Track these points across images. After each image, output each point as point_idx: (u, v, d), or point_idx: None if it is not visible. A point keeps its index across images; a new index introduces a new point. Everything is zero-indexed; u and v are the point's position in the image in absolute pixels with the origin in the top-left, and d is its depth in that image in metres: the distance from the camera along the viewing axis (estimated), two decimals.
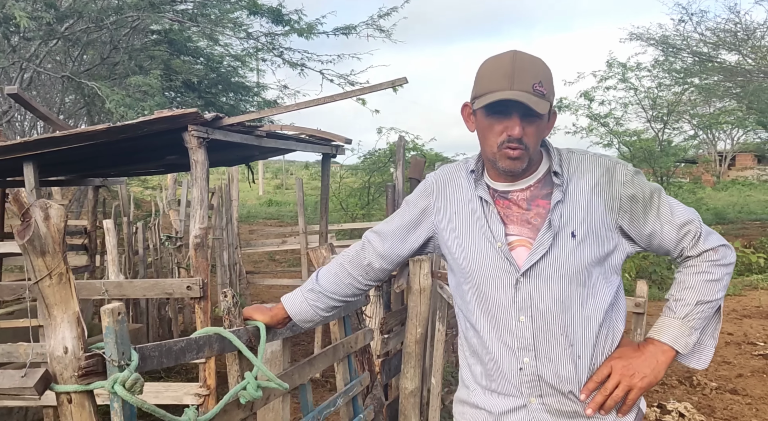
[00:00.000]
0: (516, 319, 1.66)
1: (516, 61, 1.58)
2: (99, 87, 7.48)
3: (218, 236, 9.12)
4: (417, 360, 3.95)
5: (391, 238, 1.91)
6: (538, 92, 1.56)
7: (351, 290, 1.99)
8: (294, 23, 9.17)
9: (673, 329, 1.67)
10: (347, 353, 2.89)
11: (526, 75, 1.56)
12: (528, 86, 1.55)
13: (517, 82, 1.55)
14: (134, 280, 3.84)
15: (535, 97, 1.55)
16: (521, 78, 1.55)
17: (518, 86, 1.55)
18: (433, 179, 1.88)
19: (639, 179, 1.68)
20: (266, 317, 2.07)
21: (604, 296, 1.67)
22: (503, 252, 1.66)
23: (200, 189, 3.98)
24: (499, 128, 1.60)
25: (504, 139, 1.60)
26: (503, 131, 1.60)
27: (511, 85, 1.55)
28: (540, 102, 1.56)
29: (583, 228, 1.64)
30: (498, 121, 1.60)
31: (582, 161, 1.71)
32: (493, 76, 1.60)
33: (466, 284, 1.75)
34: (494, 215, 1.69)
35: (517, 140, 1.59)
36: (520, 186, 1.70)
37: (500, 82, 1.57)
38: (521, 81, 1.55)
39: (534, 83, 1.56)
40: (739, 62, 14.07)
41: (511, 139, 1.59)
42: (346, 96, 4.02)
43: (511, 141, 1.59)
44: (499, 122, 1.60)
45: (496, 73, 1.59)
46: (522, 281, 1.64)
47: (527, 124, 1.59)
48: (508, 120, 1.59)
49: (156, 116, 3.76)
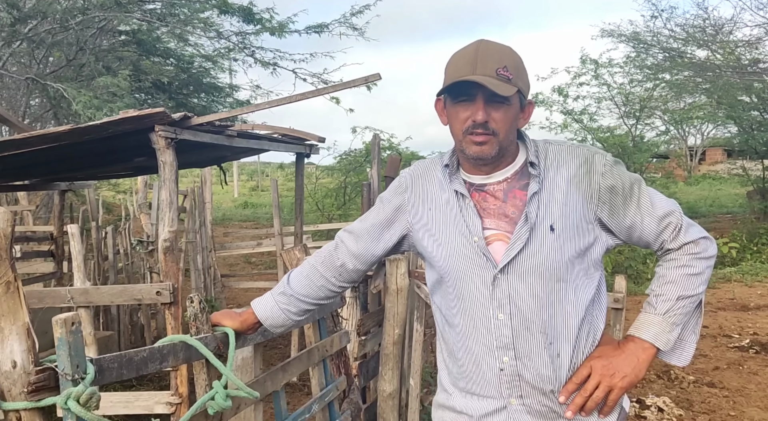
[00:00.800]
0: (494, 317, 1.60)
1: (480, 49, 1.57)
2: (65, 89, 7.28)
3: (191, 240, 8.97)
4: (395, 362, 3.88)
5: (364, 237, 1.84)
6: (502, 76, 1.53)
7: (324, 292, 1.91)
8: (265, 22, 9.04)
9: (653, 326, 1.62)
10: (322, 356, 2.81)
11: (489, 61, 1.54)
12: (491, 71, 1.52)
13: (480, 67, 1.53)
14: (101, 286, 3.72)
15: (497, 81, 1.52)
16: (484, 63, 1.53)
17: (480, 71, 1.52)
18: (408, 176, 1.81)
19: (618, 169, 1.63)
20: (235, 322, 1.98)
21: (584, 292, 1.63)
22: (480, 247, 1.60)
23: (169, 191, 3.85)
24: (465, 115, 1.57)
25: (469, 125, 1.57)
26: (468, 118, 1.57)
27: (473, 70, 1.53)
28: (503, 85, 1.52)
29: (562, 221, 1.58)
30: (463, 108, 1.58)
31: (559, 152, 1.65)
32: (457, 64, 1.58)
33: (443, 281, 1.70)
34: (470, 209, 1.64)
35: (482, 125, 1.55)
36: (497, 178, 1.65)
37: (463, 69, 1.55)
38: (484, 66, 1.53)
39: (497, 68, 1.53)
40: (708, 58, 14.27)
41: (475, 124, 1.56)
42: (318, 93, 3.93)
43: (476, 127, 1.56)
44: (465, 109, 1.57)
45: (460, 61, 1.58)
46: (500, 278, 1.58)
47: (493, 109, 1.55)
48: (472, 106, 1.56)
49: (121, 116, 3.63)
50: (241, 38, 9.57)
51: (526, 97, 1.64)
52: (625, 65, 14.83)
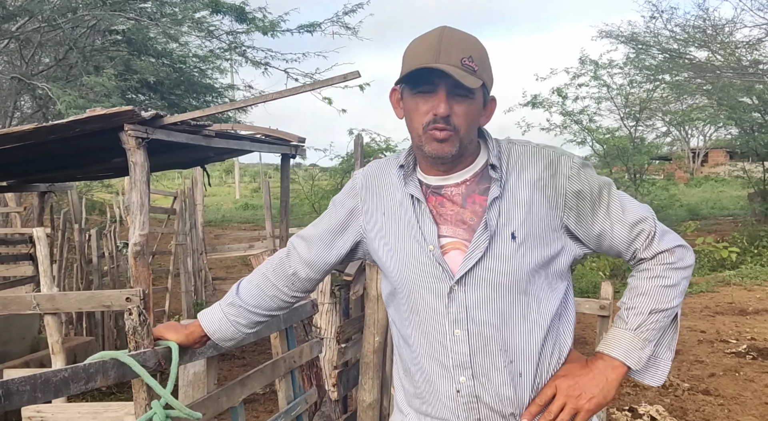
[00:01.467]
0: (450, 333, 1.46)
1: (444, 37, 1.41)
2: (50, 88, 7.15)
3: (181, 242, 8.82)
4: (375, 371, 3.73)
5: (316, 243, 1.70)
6: (467, 67, 1.39)
7: (275, 302, 1.76)
8: (257, 21, 8.90)
9: (624, 342, 1.47)
10: (290, 368, 2.66)
11: (453, 49, 1.39)
12: (455, 60, 1.38)
13: (443, 55, 1.38)
14: (68, 292, 3.57)
15: (462, 71, 1.38)
16: (448, 52, 1.39)
17: (444, 59, 1.38)
18: (361, 177, 1.67)
19: (586, 173, 1.49)
20: (180, 336, 1.83)
21: (548, 305, 1.49)
22: (435, 256, 1.46)
23: (140, 193, 3.72)
24: (425, 108, 1.43)
25: (429, 119, 1.42)
26: (429, 111, 1.42)
27: (436, 58, 1.38)
28: (468, 76, 1.38)
29: (524, 228, 1.45)
30: (423, 100, 1.43)
31: (523, 153, 1.51)
32: (417, 51, 1.43)
33: (396, 293, 1.56)
34: (426, 214, 1.49)
35: (444, 119, 1.40)
36: (455, 180, 1.51)
37: (424, 57, 1.40)
38: (448, 55, 1.38)
39: (463, 57, 1.39)
40: (708, 59, 14.10)
41: (437, 118, 1.41)
42: (296, 92, 3.79)
43: (437, 121, 1.41)
44: (425, 101, 1.42)
45: (421, 48, 1.43)
46: (456, 290, 1.45)
47: (456, 102, 1.41)
48: (434, 98, 1.41)
49: (88, 115, 3.50)
50: (233, 37, 9.44)
51: (489, 93, 1.50)
52: (625, 66, 14.67)
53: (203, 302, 9.19)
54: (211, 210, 22.88)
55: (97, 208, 15.02)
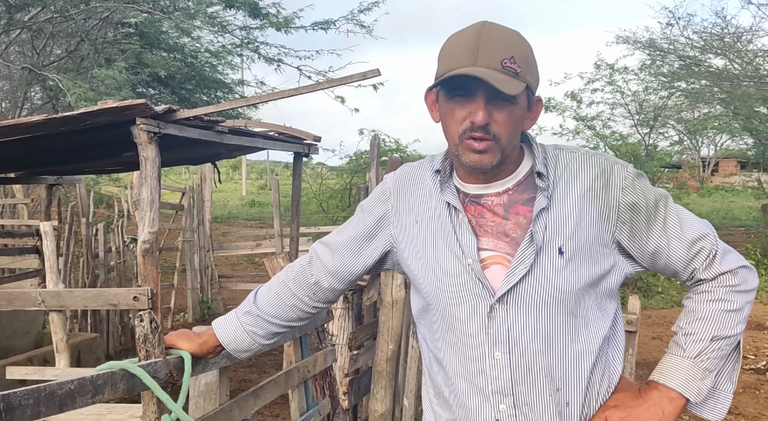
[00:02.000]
0: (490, 356, 1.34)
1: (483, 34, 1.28)
2: (60, 79, 7.05)
3: (189, 239, 8.73)
4: (388, 380, 3.61)
5: (342, 251, 1.58)
6: (508, 69, 1.26)
7: (295, 313, 1.64)
8: (271, 17, 8.79)
9: (682, 371, 1.34)
10: (303, 378, 2.54)
11: (492, 49, 1.26)
12: (495, 62, 1.25)
13: (481, 57, 1.26)
14: (74, 289, 3.47)
15: (502, 75, 1.25)
16: (487, 53, 1.26)
17: (483, 62, 1.25)
18: (392, 181, 1.54)
19: (641, 184, 1.37)
20: (193, 345, 1.71)
21: (598, 328, 1.36)
22: (474, 271, 1.34)
23: (150, 189, 3.60)
24: (462, 114, 1.30)
25: (466, 127, 1.29)
26: (466, 118, 1.29)
27: (473, 60, 1.26)
28: (510, 81, 1.25)
29: (573, 243, 1.32)
30: (460, 106, 1.30)
31: (572, 161, 1.38)
32: (454, 52, 1.30)
33: (429, 309, 1.44)
34: (464, 225, 1.37)
35: (482, 129, 1.28)
36: (496, 189, 1.38)
37: (461, 58, 1.27)
38: (487, 56, 1.26)
39: (503, 59, 1.26)
40: (725, 67, 13.91)
41: (473, 127, 1.28)
42: (314, 89, 3.67)
43: (474, 130, 1.28)
44: (462, 107, 1.30)
45: (458, 47, 1.30)
46: (497, 308, 1.33)
47: (496, 109, 1.28)
48: (471, 104, 1.29)
49: (99, 107, 3.38)
50: (246, 33, 9.33)
51: (534, 94, 1.37)
52: (640, 72, 14.49)
53: (209, 300, 9.08)
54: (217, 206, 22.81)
55: (104, 201, 14.95)
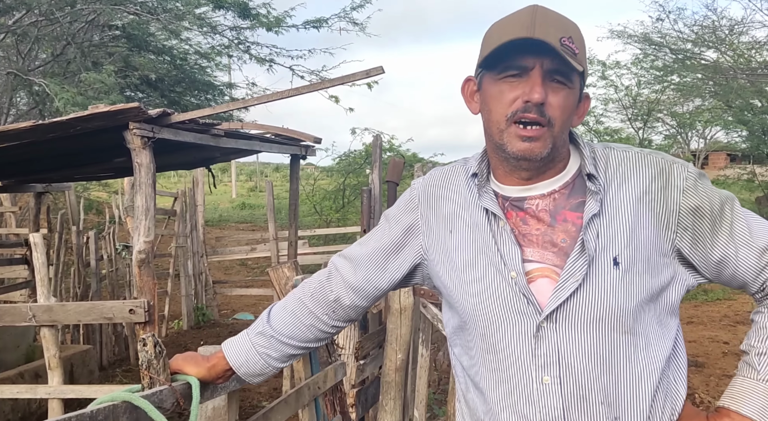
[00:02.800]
0: (538, 380, 1.19)
1: (538, 14, 1.15)
2: (47, 84, 6.86)
3: (182, 244, 8.55)
4: (397, 391, 3.46)
5: (365, 265, 1.43)
6: (567, 48, 1.12)
7: (313, 333, 1.49)
8: (261, 17, 8.63)
9: (757, 397, 1.20)
10: (314, 395, 2.39)
11: (550, 25, 1.13)
12: (554, 38, 1.12)
13: (539, 31, 1.12)
14: (67, 303, 3.30)
15: (562, 52, 1.11)
16: (545, 28, 1.12)
17: (541, 35, 1.12)
18: (421, 187, 1.40)
19: (704, 185, 1.22)
20: (201, 369, 1.55)
21: (659, 347, 1.23)
22: (519, 286, 1.20)
23: (145, 196, 3.44)
24: (512, 95, 1.16)
25: (517, 107, 1.15)
26: (517, 98, 1.15)
27: (531, 32, 1.12)
28: (570, 59, 1.12)
29: (629, 253, 1.18)
30: (511, 87, 1.16)
31: (625, 160, 1.24)
32: (506, 28, 1.16)
33: (466, 328, 1.29)
34: (506, 234, 1.23)
35: (537, 109, 1.14)
36: (541, 190, 1.24)
37: (516, 31, 1.13)
38: (545, 31, 1.12)
39: (562, 37, 1.13)
40: (718, 60, 13.87)
41: (527, 106, 1.14)
42: (314, 89, 3.52)
43: (528, 110, 1.14)
44: (513, 87, 1.16)
45: (510, 26, 1.16)
46: (546, 327, 1.18)
47: (552, 91, 1.15)
48: (524, 82, 1.15)
49: (90, 112, 3.23)
50: (236, 33, 9.15)
51: (584, 87, 1.23)
52: (633, 66, 14.44)
53: (203, 306, 8.91)
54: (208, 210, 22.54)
55: (94, 207, 14.71)
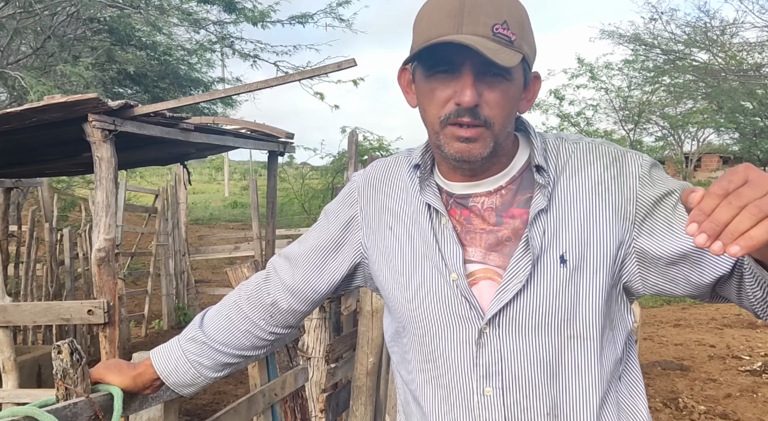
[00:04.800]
0: (478, 392, 1.08)
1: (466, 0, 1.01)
2: (22, 77, 6.68)
3: (163, 243, 8.39)
4: (368, 395, 3.33)
5: (303, 265, 1.30)
6: (500, 37, 0.99)
7: (249, 339, 1.36)
8: (246, 11, 8.48)
9: None
10: (270, 402, 2.25)
11: (481, 13, 1.00)
12: (484, 28, 0.99)
13: (467, 22, 0.99)
14: (22, 303, 3.15)
15: (494, 44, 0.98)
16: (474, 17, 0.99)
17: (469, 28, 0.99)
18: (361, 180, 1.27)
19: (659, 174, 1.09)
20: (126, 378, 1.41)
21: (611, 354, 1.10)
22: (460, 288, 1.08)
23: (106, 192, 3.29)
24: (444, 95, 1.03)
25: (450, 111, 1.03)
26: (449, 99, 1.03)
27: (458, 27, 0.99)
28: (503, 51, 0.98)
29: (579, 249, 1.06)
30: (442, 85, 1.03)
31: (576, 151, 1.12)
32: (433, 18, 1.03)
33: (405, 334, 1.17)
34: (448, 232, 1.11)
35: (470, 112, 1.01)
36: (487, 187, 1.12)
37: (442, 25, 1.00)
38: (474, 21, 0.99)
39: (494, 24, 0.99)
40: (709, 61, 13.81)
41: (459, 110, 1.01)
42: (285, 81, 3.38)
43: (460, 114, 1.02)
44: (444, 86, 1.03)
45: (437, 12, 1.03)
46: (487, 333, 1.07)
47: (486, 87, 1.02)
48: (455, 81, 1.02)
49: (46, 103, 3.08)
50: (220, 28, 9.00)
51: (531, 68, 1.09)
52: (624, 67, 14.36)
53: (185, 306, 8.75)
54: (199, 208, 22.41)
55: (77, 205, 14.51)
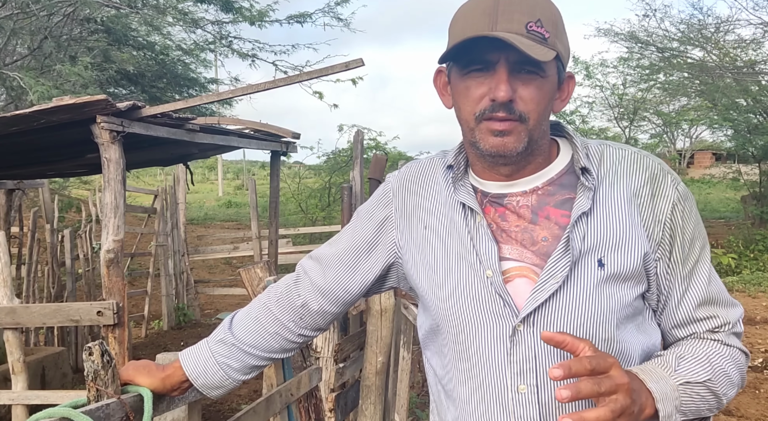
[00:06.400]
0: (513, 389, 1.09)
1: None
2: (21, 78, 6.66)
3: (162, 243, 8.37)
4: (377, 395, 3.34)
5: (335, 266, 1.31)
6: (534, 34, 1.01)
7: (278, 342, 1.36)
8: (244, 11, 8.47)
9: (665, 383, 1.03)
10: (287, 403, 2.26)
11: (515, 11, 1.02)
12: (519, 25, 1.01)
13: (502, 20, 1.01)
14: (31, 305, 3.14)
15: (528, 40, 1.00)
16: (508, 15, 1.01)
17: (503, 26, 1.01)
18: (396, 181, 1.29)
19: (690, 207, 1.13)
20: (155, 380, 1.41)
21: (641, 359, 1.12)
22: (495, 285, 1.09)
23: (114, 193, 3.29)
24: (479, 93, 1.05)
25: (485, 106, 1.05)
26: (484, 96, 1.05)
27: (492, 25, 1.01)
28: (536, 47, 1.00)
29: (616, 256, 1.08)
30: (477, 82, 1.05)
31: (621, 159, 1.14)
32: (468, 18, 1.05)
33: (440, 332, 1.18)
34: (482, 230, 1.12)
35: (504, 107, 1.03)
36: (523, 187, 1.13)
37: (477, 24, 1.02)
38: (508, 19, 1.01)
39: (529, 22, 1.01)
40: (704, 58, 13.88)
41: (494, 105, 1.03)
42: (292, 81, 3.38)
43: (495, 109, 1.03)
44: (479, 83, 1.05)
45: (472, 12, 1.05)
46: (522, 331, 1.08)
47: (521, 83, 1.04)
48: (490, 78, 1.04)
49: (55, 104, 3.07)
50: (218, 28, 8.98)
51: (565, 68, 1.11)
52: (620, 65, 14.42)
53: (185, 306, 8.73)
54: (193, 208, 22.33)
55: (74, 205, 14.45)
